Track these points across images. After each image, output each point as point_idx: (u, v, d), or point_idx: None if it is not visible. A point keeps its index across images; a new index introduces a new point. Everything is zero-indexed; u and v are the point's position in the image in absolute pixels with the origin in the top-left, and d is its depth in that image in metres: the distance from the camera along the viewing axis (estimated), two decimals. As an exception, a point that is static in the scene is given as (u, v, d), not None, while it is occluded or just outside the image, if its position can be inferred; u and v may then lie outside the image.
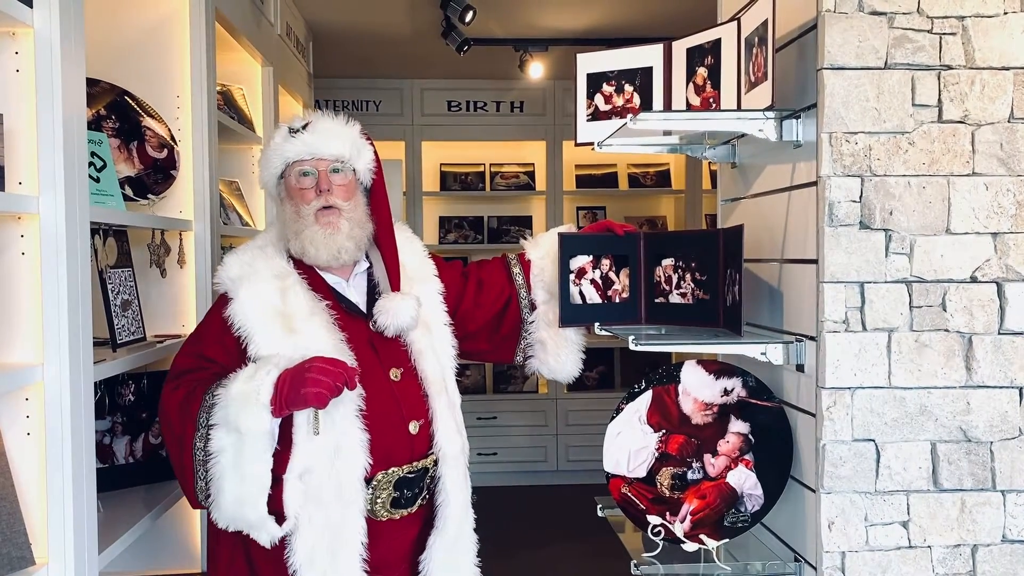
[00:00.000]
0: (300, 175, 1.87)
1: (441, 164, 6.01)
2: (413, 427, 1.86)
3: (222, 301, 1.86)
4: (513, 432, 5.80)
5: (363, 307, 1.93)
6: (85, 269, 1.72)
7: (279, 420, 1.71)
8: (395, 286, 1.90)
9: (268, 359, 1.73)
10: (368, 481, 1.79)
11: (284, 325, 1.78)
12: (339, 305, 1.89)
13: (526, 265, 2.20)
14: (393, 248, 1.93)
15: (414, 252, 2.04)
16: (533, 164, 6.04)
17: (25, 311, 1.63)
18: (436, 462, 1.90)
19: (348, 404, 1.74)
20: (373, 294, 1.95)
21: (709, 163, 6.06)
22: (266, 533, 1.70)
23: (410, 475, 1.86)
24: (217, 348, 1.81)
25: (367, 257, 1.97)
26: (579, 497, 5.77)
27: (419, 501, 1.91)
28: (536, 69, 4.95)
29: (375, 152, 1.98)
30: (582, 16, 4.44)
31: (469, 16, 3.76)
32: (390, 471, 1.82)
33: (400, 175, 5.67)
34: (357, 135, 1.93)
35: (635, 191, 6.07)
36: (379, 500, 1.83)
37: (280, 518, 1.70)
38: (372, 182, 1.96)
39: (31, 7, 1.59)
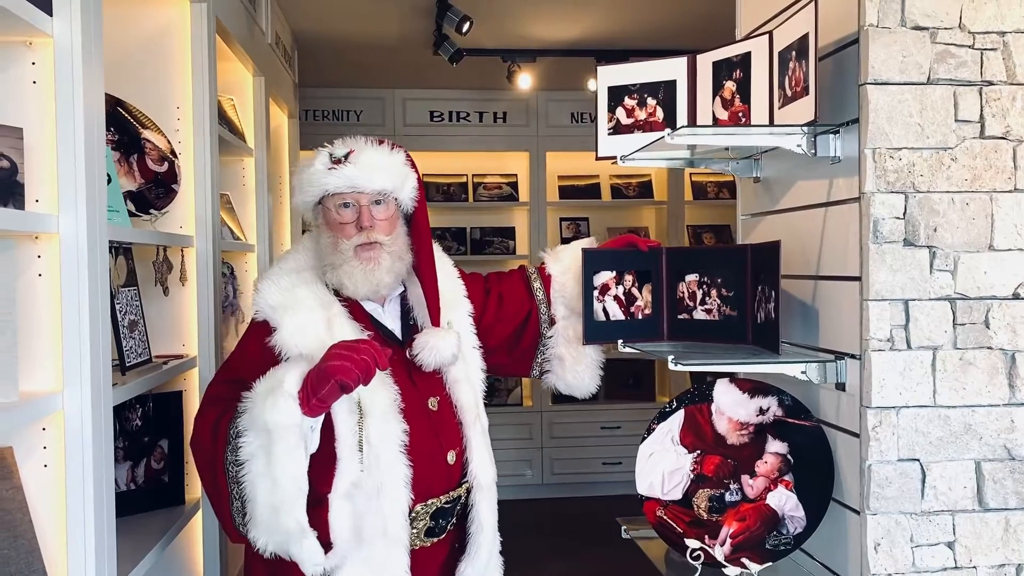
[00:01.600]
0: (340, 207, 1.78)
1: (423, 175, 5.93)
2: (451, 457, 1.83)
3: (262, 329, 1.75)
4: (498, 445, 5.70)
5: (398, 333, 1.87)
6: (105, 290, 1.64)
7: (314, 425, 1.59)
8: (435, 320, 1.83)
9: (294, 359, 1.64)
10: (408, 514, 1.73)
11: None
12: (379, 335, 1.82)
13: (546, 280, 2.15)
14: (434, 281, 1.85)
15: (447, 275, 1.97)
16: (516, 175, 6.00)
17: (43, 336, 1.54)
18: (469, 490, 1.86)
19: (392, 438, 1.68)
20: (407, 319, 1.89)
21: (691, 174, 6.10)
22: (308, 552, 1.54)
23: (447, 505, 1.83)
24: (259, 375, 1.67)
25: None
26: (568, 511, 5.74)
27: (448, 527, 1.86)
28: (525, 80, 4.91)
29: (418, 177, 1.89)
30: (572, 27, 4.42)
31: (467, 26, 3.71)
32: (429, 503, 1.79)
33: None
34: (401, 164, 1.83)
35: (617, 202, 6.05)
36: (414, 531, 1.77)
37: (327, 547, 1.59)
38: (414, 208, 1.87)
39: (51, 15, 1.51)
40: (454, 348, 1.80)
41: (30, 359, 1.53)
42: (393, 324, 1.88)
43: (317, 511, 1.58)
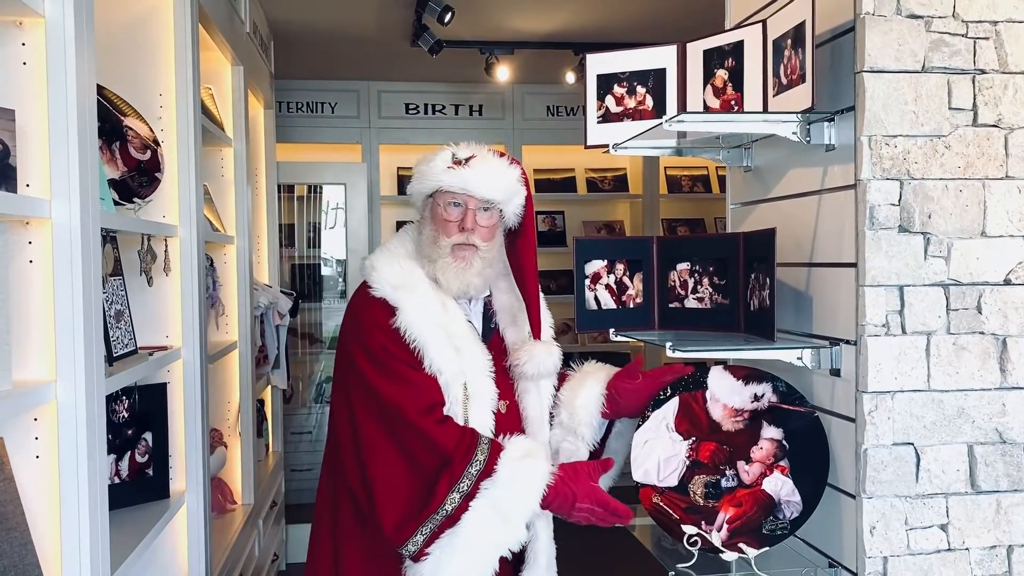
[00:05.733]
0: (449, 205, 1.85)
1: (398, 168, 5.90)
2: None
3: (383, 307, 1.81)
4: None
5: (480, 332, 1.92)
6: (97, 278, 1.60)
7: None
8: (536, 334, 1.89)
9: (538, 450, 1.79)
10: None
11: (450, 343, 1.80)
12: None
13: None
14: (537, 295, 1.91)
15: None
16: (491, 168, 5.98)
17: (34, 325, 1.50)
18: None
19: (485, 423, 1.80)
20: (488, 323, 1.95)
21: (666, 168, 6.13)
22: None
23: None
24: (409, 357, 1.78)
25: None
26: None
27: None
28: (503, 72, 4.90)
29: (528, 195, 1.92)
30: (550, 19, 4.41)
31: (448, 17, 3.68)
32: None
33: (364, 179, 5.57)
34: (515, 180, 1.87)
35: (593, 196, 6.06)
36: None
37: None
38: (522, 224, 1.91)
39: (42, -5, 1.47)
40: (557, 362, 1.90)
41: (21, 348, 1.49)
42: (476, 323, 1.92)
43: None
